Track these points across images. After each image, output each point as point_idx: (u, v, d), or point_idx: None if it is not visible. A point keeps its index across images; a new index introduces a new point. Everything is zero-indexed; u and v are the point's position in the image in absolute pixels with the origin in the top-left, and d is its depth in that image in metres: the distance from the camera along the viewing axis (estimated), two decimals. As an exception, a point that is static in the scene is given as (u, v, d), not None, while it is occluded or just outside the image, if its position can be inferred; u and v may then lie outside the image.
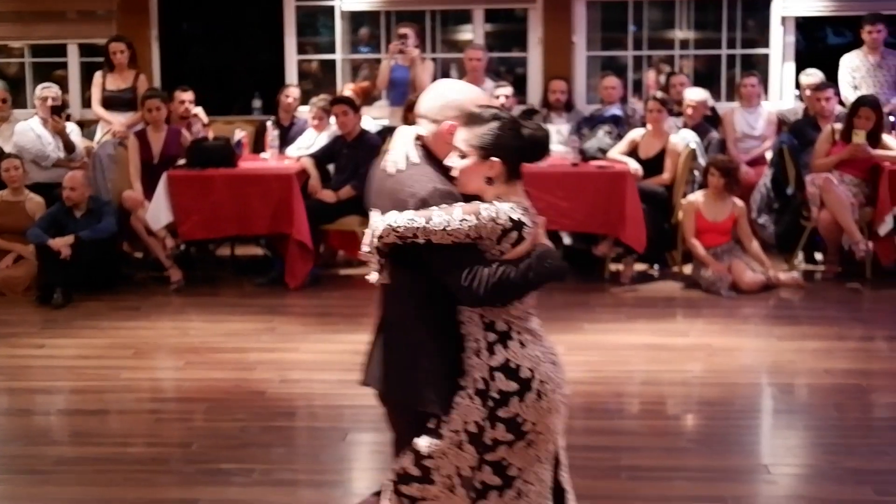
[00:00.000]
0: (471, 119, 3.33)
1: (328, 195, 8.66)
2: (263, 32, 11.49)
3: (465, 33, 11.27)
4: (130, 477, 4.00)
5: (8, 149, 9.06)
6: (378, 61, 10.61)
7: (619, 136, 9.13)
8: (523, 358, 3.33)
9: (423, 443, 3.40)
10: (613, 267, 8.77)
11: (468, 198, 3.32)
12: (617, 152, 8.84)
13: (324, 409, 5.89)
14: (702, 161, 8.80)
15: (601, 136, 9.22)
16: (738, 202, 8.45)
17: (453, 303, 3.33)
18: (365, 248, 3.38)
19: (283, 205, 8.35)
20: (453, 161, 3.31)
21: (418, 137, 3.48)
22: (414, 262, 3.33)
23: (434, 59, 10.46)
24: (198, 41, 12.27)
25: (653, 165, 8.69)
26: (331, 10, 10.86)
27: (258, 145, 9.68)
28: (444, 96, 3.48)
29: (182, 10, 11.46)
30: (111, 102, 9.55)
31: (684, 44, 11.04)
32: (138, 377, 6.47)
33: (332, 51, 10.99)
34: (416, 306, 3.44)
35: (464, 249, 3.22)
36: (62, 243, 8.03)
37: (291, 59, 10.89)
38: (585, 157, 8.90)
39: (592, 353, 6.75)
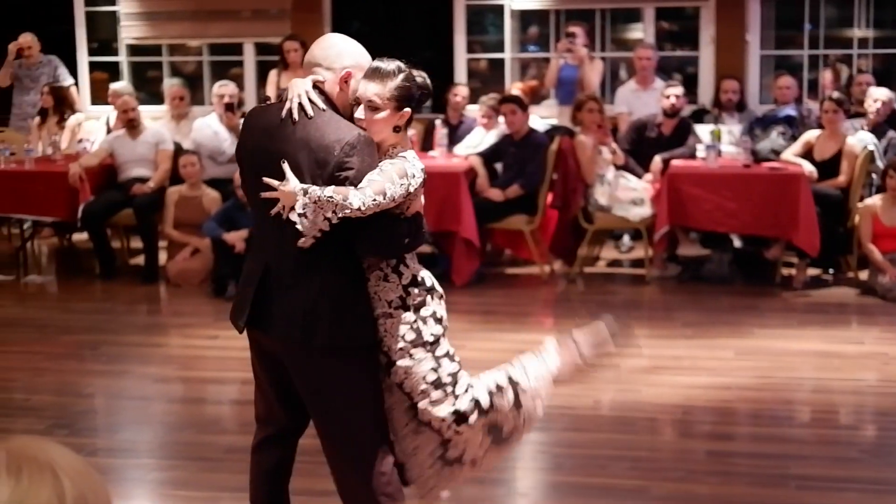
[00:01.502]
0: (377, 72, 3.47)
1: (495, 194, 8.68)
2: (432, 31, 11.58)
3: (635, 32, 11.17)
4: (296, 467, 4.08)
5: (186, 145, 9.35)
6: (546, 60, 10.60)
7: (793, 138, 8.92)
8: (418, 269, 3.62)
9: (392, 377, 3.55)
10: (785, 271, 8.58)
11: None
12: (791, 154, 8.64)
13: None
14: (880, 164, 8.53)
15: (774, 138, 9.02)
16: (918, 207, 8.18)
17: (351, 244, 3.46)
18: (299, 214, 3.32)
19: (451, 202, 8.40)
20: (364, 113, 3.42)
21: (315, 86, 3.51)
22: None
23: (603, 58, 10.39)
24: (367, 38, 12.43)
25: (828, 168, 8.47)
26: (500, 8, 10.89)
27: (427, 143, 9.76)
28: (337, 45, 3.59)
29: (354, 9, 11.63)
30: None
31: (862, 42, 10.71)
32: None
33: (500, 49, 11.02)
34: (334, 255, 3.45)
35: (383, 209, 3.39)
36: (236, 237, 8.23)
37: (461, 57, 10.96)
38: (757, 158, 8.72)
39: (761, 359, 6.61)
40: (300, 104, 3.44)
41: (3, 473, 1.33)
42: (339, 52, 3.55)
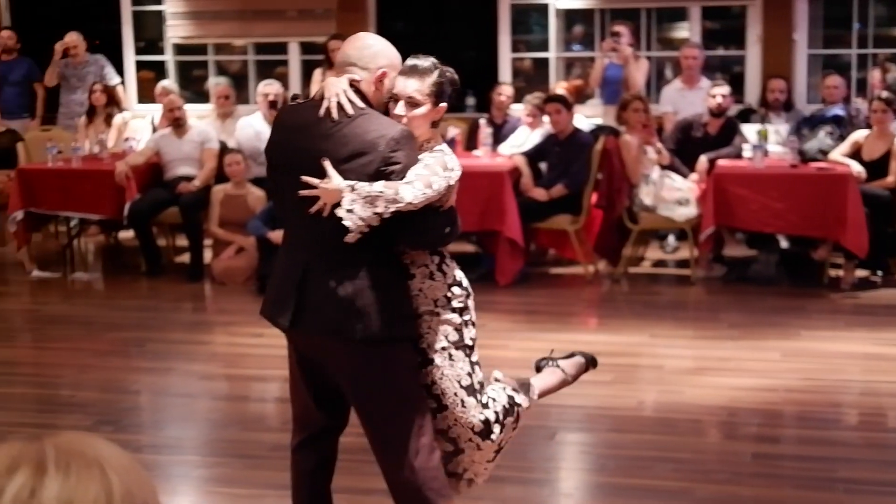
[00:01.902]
0: (415, 69, 3.55)
1: (540, 193, 8.66)
2: (476, 30, 11.58)
3: (681, 31, 11.11)
4: (339, 466, 4.08)
5: (231, 144, 9.39)
6: (591, 59, 10.56)
7: (841, 137, 8.83)
8: (457, 270, 3.65)
9: (423, 377, 3.56)
10: (833, 272, 8.49)
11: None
12: (839, 154, 8.56)
13: (533, 408, 5.87)
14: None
15: (822, 137, 8.93)
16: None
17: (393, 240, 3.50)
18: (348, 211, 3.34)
19: (495, 202, 8.39)
20: (404, 109, 3.48)
21: (352, 84, 3.52)
22: None
23: (648, 58, 10.34)
24: (411, 38, 12.46)
25: (877, 168, 8.38)
26: (545, 7, 10.86)
27: (471, 143, 9.75)
28: (373, 46, 3.60)
29: (398, 9, 11.65)
30: None
31: (912, 41, 10.61)
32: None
33: (544, 48, 11.00)
34: (377, 248, 3.47)
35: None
36: (280, 236, 8.24)
37: (505, 56, 10.95)
38: (805, 158, 8.65)
39: (808, 361, 6.55)
40: (338, 103, 3.45)
41: (52, 469, 1.33)
42: (375, 52, 3.57)
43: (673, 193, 8.56)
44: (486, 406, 3.65)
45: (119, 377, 6.52)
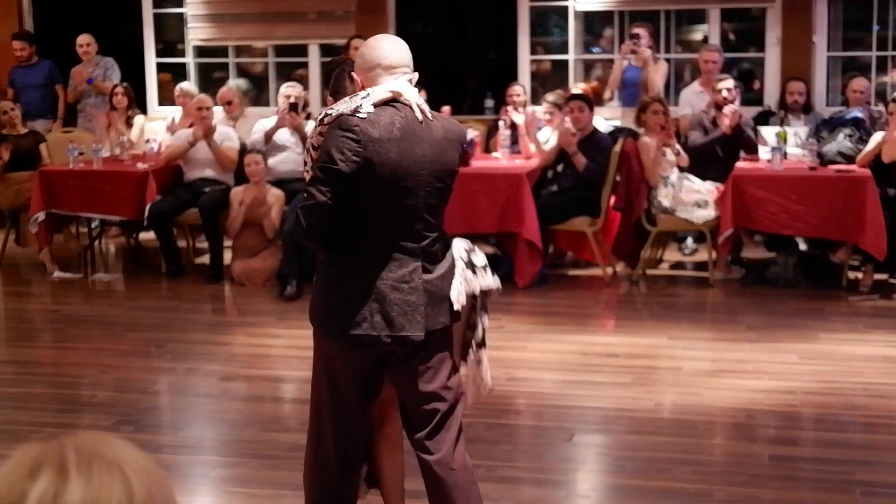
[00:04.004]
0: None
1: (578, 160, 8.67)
2: (495, 32, 11.59)
3: (700, 33, 11.10)
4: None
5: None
6: (610, 62, 10.56)
7: (861, 140, 8.80)
8: None
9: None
10: (851, 275, 8.48)
11: None
12: (867, 155, 8.46)
13: (549, 409, 5.90)
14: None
15: (841, 140, 8.90)
16: None
17: None
18: None
19: (513, 204, 8.40)
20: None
21: None
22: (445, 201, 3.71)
23: (668, 60, 10.34)
24: (431, 40, 12.48)
25: (894, 170, 8.35)
26: (564, 10, 10.87)
27: (490, 144, 9.76)
28: (407, 48, 3.68)
29: (418, 11, 11.67)
30: None
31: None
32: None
33: (562, 51, 11.00)
34: (444, 232, 3.72)
35: None
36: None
37: (524, 58, 10.95)
38: (824, 160, 8.63)
39: (826, 363, 6.55)
40: (419, 107, 3.57)
41: (74, 472, 1.34)
42: (411, 57, 3.68)
43: (691, 195, 8.56)
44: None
45: (139, 377, 6.56)
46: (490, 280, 3.83)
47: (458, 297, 3.67)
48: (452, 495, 3.68)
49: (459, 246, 3.80)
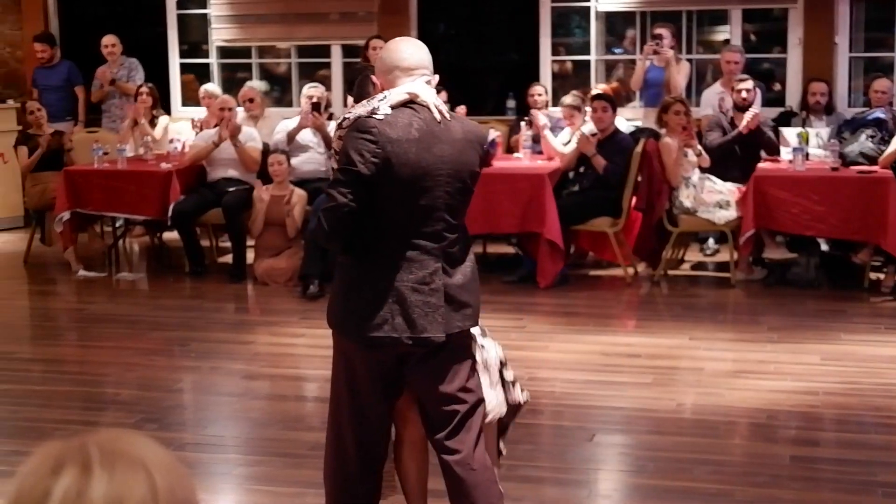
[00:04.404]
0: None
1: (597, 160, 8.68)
2: (517, 33, 11.60)
3: (722, 34, 11.08)
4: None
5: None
6: (631, 63, 10.56)
7: (883, 140, 8.78)
8: None
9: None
10: (873, 276, 8.46)
11: None
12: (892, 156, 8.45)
13: (571, 409, 5.92)
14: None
15: (863, 140, 8.88)
16: None
17: None
18: None
19: (534, 204, 8.41)
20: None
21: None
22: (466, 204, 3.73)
23: (689, 61, 10.33)
24: (452, 41, 12.50)
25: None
26: (586, 10, 10.87)
27: (514, 145, 9.78)
28: (426, 50, 3.72)
29: (439, 11, 11.69)
30: None
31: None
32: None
33: (584, 51, 11.01)
34: (468, 234, 3.77)
35: None
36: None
37: (546, 59, 10.96)
38: (846, 161, 8.62)
39: (848, 364, 6.54)
40: (437, 107, 3.58)
41: (97, 470, 1.35)
42: (431, 59, 3.71)
43: (713, 196, 8.56)
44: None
45: (163, 376, 6.61)
46: (518, 395, 4.02)
47: (499, 408, 3.86)
48: (473, 495, 3.70)
49: (494, 353, 3.92)
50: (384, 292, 3.56)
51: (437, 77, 3.69)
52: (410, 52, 3.66)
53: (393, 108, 3.53)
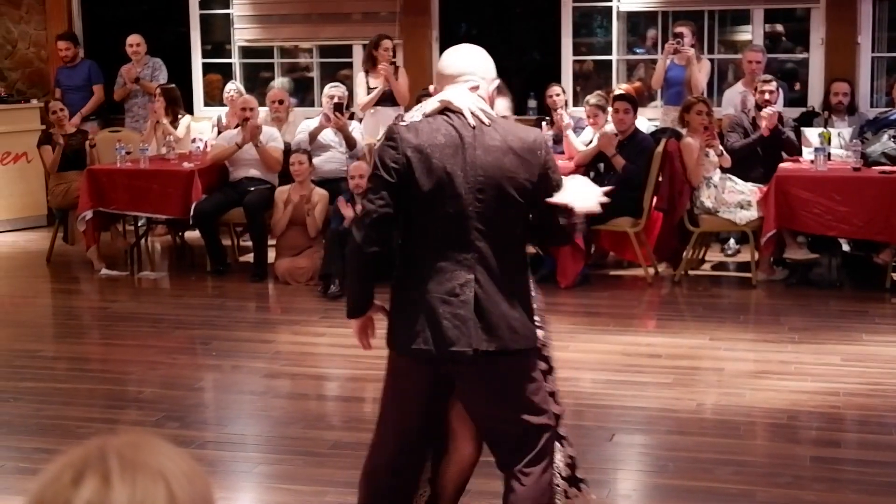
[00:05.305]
0: (502, 89, 3.85)
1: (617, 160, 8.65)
2: (539, 33, 11.60)
3: (744, 34, 11.06)
4: (343, 461, 4.17)
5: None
6: (653, 62, 10.55)
7: (905, 141, 8.75)
8: None
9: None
10: (895, 276, 8.43)
11: None
12: None
13: (591, 409, 5.92)
14: None
15: (885, 141, 8.85)
16: None
17: None
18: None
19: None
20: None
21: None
22: (522, 214, 3.58)
23: (711, 60, 10.31)
24: (474, 41, 12.49)
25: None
26: (608, 10, 10.87)
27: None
28: (489, 59, 3.68)
29: (462, 12, 11.70)
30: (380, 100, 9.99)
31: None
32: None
33: (606, 51, 11.00)
34: (522, 253, 3.65)
35: None
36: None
37: (567, 59, 10.95)
38: (868, 161, 8.59)
39: (870, 365, 6.52)
40: (473, 113, 3.52)
41: (117, 481, 1.35)
42: (492, 65, 3.69)
43: (734, 196, 8.54)
44: None
45: (185, 374, 6.64)
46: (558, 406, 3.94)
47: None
48: None
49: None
50: (416, 304, 3.50)
51: (482, 81, 3.61)
52: (453, 59, 3.66)
53: (427, 115, 3.54)
